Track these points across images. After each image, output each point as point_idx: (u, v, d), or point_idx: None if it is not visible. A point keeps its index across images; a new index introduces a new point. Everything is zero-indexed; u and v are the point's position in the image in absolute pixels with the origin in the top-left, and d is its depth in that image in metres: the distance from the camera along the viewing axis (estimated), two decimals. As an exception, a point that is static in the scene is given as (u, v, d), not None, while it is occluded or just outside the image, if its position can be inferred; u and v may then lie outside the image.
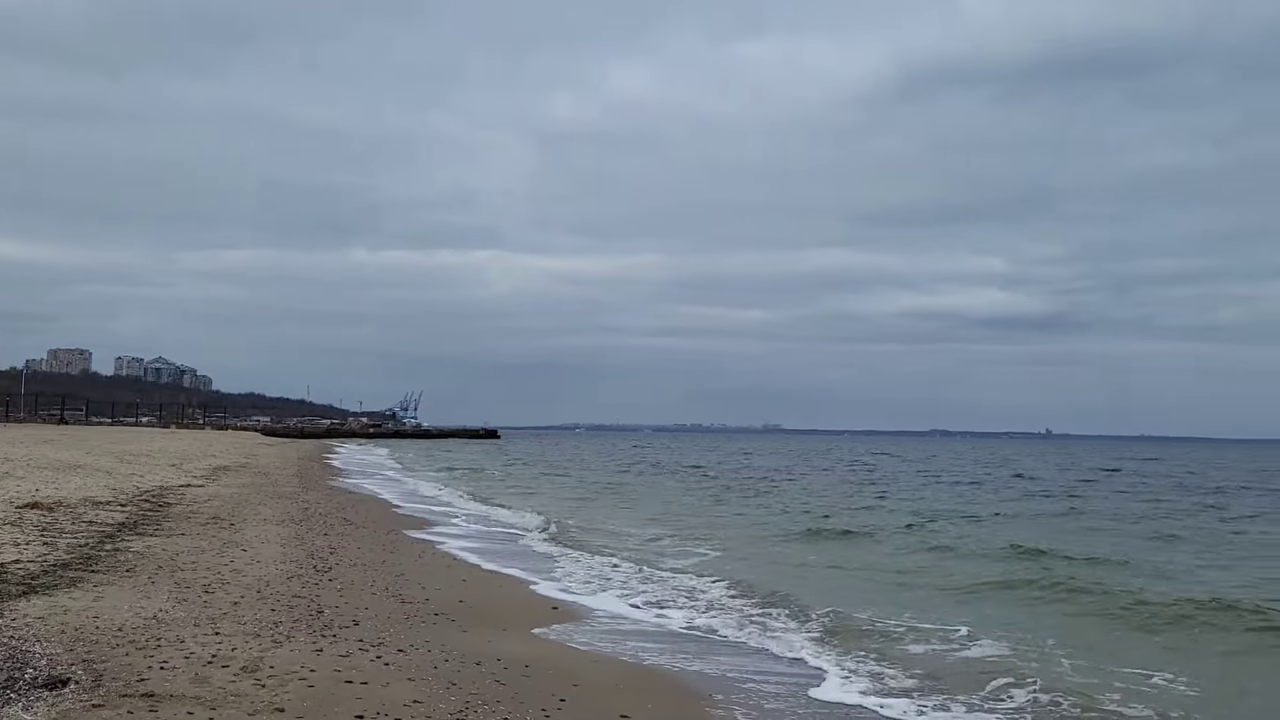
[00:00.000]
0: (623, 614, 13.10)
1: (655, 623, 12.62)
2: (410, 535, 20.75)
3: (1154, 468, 72.63)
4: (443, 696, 7.96)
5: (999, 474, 59.87)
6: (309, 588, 12.58)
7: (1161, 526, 26.79)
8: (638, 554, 19.42)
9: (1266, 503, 37.47)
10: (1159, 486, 47.58)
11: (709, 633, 12.12)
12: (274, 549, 15.93)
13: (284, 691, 7.64)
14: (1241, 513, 32.15)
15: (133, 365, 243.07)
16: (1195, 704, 9.34)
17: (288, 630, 9.91)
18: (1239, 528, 27.01)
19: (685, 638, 11.76)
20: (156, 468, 33.51)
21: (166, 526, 17.73)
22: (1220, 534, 25.31)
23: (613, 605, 13.66)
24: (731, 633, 12.12)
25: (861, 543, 22.41)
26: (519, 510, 28.70)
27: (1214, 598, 14.54)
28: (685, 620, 12.80)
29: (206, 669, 8.13)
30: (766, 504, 33.69)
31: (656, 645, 11.17)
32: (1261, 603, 14.13)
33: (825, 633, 12.12)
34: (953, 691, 9.50)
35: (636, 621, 12.64)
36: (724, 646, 11.37)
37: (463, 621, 11.46)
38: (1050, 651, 11.37)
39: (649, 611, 13.33)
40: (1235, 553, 21.51)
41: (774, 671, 10.22)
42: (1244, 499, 39.47)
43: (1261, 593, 15.27)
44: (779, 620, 12.87)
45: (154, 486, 25.55)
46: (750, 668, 10.33)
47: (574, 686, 8.80)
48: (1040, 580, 16.45)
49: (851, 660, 10.76)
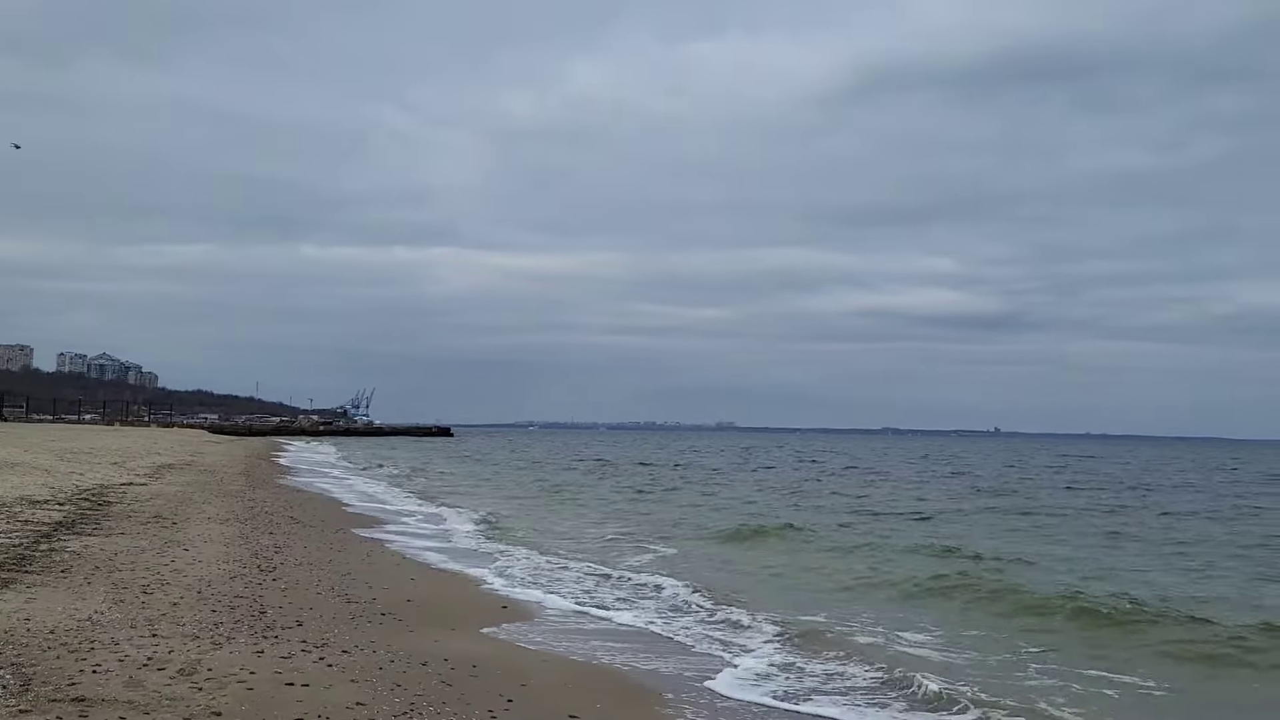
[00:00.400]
0: (573, 612, 13.00)
1: (606, 621, 12.54)
2: (359, 534, 20.46)
3: (1091, 465, 74.13)
4: (386, 698, 7.79)
5: (938, 470, 60.52)
6: (252, 588, 12.31)
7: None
8: (589, 552, 19.32)
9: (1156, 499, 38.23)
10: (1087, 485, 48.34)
11: (660, 631, 12.05)
12: (217, 548, 15.60)
13: (221, 695, 7.42)
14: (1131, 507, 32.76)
15: (76, 362, 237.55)
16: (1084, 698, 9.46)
17: (228, 631, 9.67)
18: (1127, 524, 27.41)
19: (637, 636, 11.69)
20: (98, 466, 32.76)
21: (106, 526, 17.30)
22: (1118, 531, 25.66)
23: (563, 604, 13.56)
24: (682, 632, 12.05)
25: (795, 540, 22.27)
26: (469, 509, 28.44)
27: (1076, 592, 14.72)
28: (636, 619, 12.72)
29: (141, 672, 7.89)
30: (717, 503, 33.70)
31: (607, 644, 11.08)
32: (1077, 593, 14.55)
33: (777, 634, 12.08)
34: (886, 690, 9.50)
35: (587, 620, 12.55)
36: (674, 645, 11.30)
37: (410, 621, 11.28)
38: (974, 652, 11.47)
39: (600, 610, 13.24)
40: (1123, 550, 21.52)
41: (723, 671, 10.17)
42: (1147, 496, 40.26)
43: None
44: (730, 619, 12.83)
45: (94, 485, 24.94)
46: (700, 667, 10.27)
47: (522, 687, 8.67)
48: (963, 581, 16.17)
49: (801, 660, 10.74)
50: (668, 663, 10.34)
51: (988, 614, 13.77)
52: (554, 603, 13.58)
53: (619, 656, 10.46)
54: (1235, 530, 25.76)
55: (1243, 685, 10.40)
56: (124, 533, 16.56)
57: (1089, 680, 10.09)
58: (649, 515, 28.21)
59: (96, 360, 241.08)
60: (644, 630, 12.07)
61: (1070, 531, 24.93)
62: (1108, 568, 18.26)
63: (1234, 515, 30.76)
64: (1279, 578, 17.33)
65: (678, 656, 10.69)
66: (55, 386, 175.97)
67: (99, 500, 21.59)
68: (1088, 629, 12.74)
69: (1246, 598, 15.18)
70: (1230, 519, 29.42)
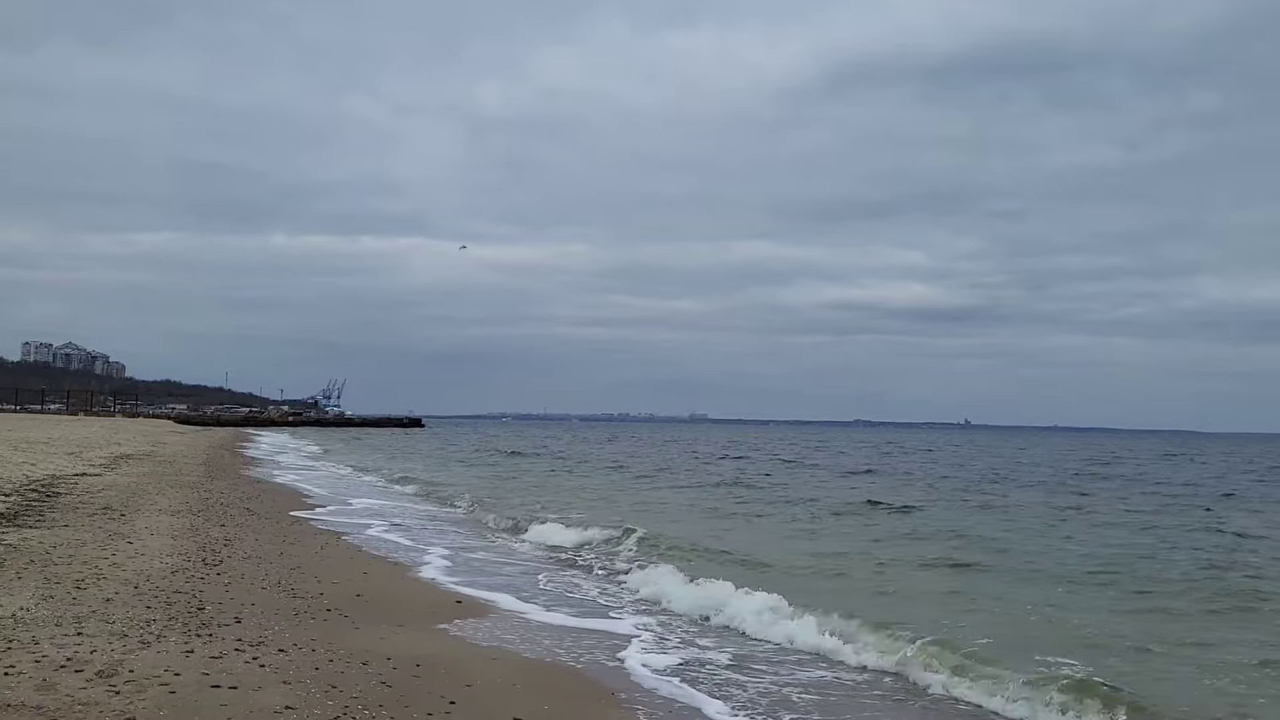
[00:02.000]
0: (531, 608, 12.56)
1: (563, 617, 12.11)
2: (316, 526, 19.93)
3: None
4: (319, 701, 7.34)
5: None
6: (193, 582, 11.80)
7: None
8: (556, 547, 18.90)
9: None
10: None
11: (621, 629, 11.65)
12: (163, 541, 15.05)
13: (140, 699, 6.95)
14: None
15: (41, 351, 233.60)
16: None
17: (159, 629, 9.17)
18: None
19: (593, 633, 11.26)
20: (53, 456, 31.97)
21: (50, 518, 16.71)
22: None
23: (520, 599, 13.11)
24: (642, 628, 11.67)
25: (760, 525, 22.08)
26: (434, 499, 27.92)
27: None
28: (596, 615, 12.33)
29: (57, 674, 7.40)
30: (693, 498, 33.36)
31: (562, 640, 10.66)
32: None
33: (731, 630, 11.74)
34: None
35: (545, 615, 12.12)
36: (634, 642, 10.90)
37: (356, 617, 10.81)
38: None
39: (559, 605, 12.84)
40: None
41: (683, 669, 9.79)
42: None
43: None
44: (689, 617, 12.46)
45: (45, 476, 24.24)
46: (658, 664, 9.87)
47: (467, 687, 8.25)
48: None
49: (753, 657, 10.40)
50: (625, 659, 9.94)
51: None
52: (511, 597, 13.15)
53: (574, 653, 10.04)
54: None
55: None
56: (68, 525, 15.98)
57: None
58: (622, 506, 27.68)
59: (62, 350, 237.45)
60: (604, 625, 11.65)
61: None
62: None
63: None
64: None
65: (637, 653, 10.28)
66: (20, 376, 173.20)
67: (48, 491, 20.94)
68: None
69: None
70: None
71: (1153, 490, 37.69)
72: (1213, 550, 19.28)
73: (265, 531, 17.75)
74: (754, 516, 25.42)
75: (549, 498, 29.41)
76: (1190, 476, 48.91)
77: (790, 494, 32.71)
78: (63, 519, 16.71)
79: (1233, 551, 19.23)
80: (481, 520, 23.07)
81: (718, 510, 26.89)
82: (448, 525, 21.98)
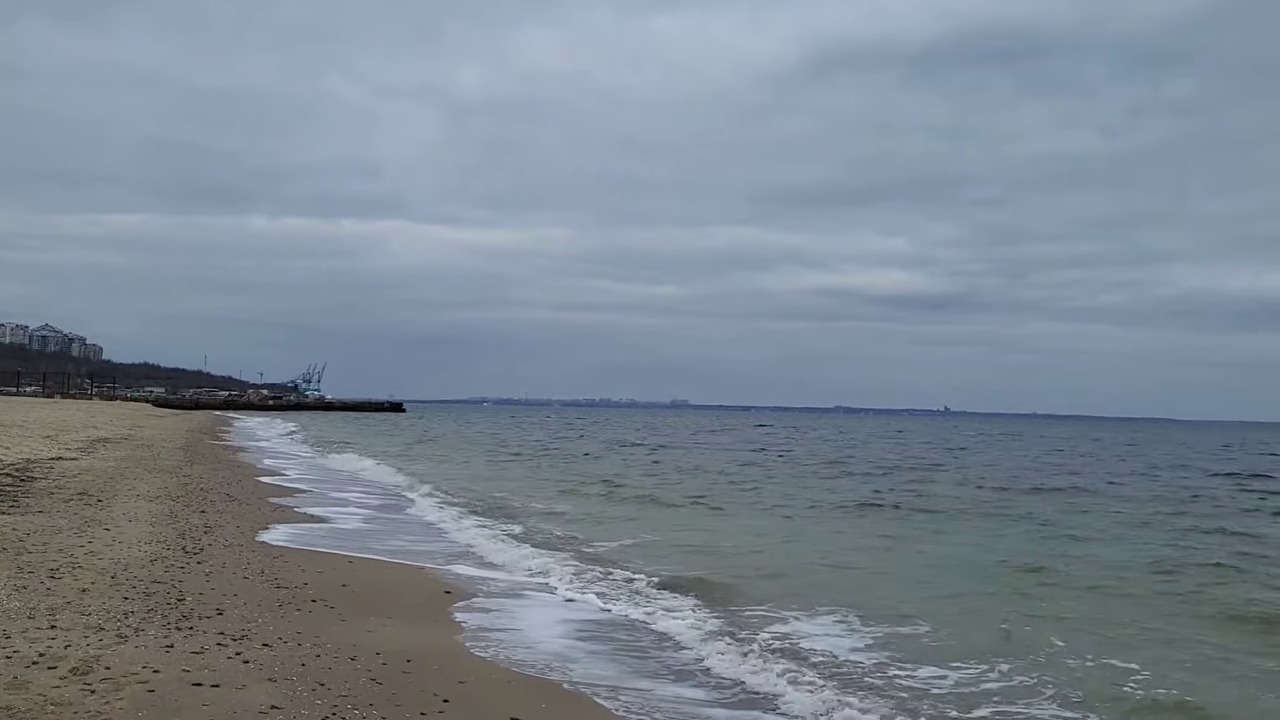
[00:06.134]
0: (525, 599, 12.22)
1: (559, 608, 11.77)
2: (298, 512, 19.50)
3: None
4: (307, 700, 6.99)
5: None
6: (173, 572, 11.40)
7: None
8: (548, 535, 18.56)
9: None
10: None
11: (614, 622, 11.33)
12: (141, 528, 14.62)
13: (116, 698, 6.57)
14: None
15: (16, 333, 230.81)
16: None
17: (138, 622, 8.79)
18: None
19: (589, 624, 10.94)
20: (28, 439, 31.37)
21: (24, 503, 16.24)
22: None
23: (514, 589, 12.78)
24: (635, 619, 11.35)
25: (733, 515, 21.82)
26: (418, 486, 27.52)
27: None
28: (591, 606, 11.99)
29: (29, 671, 7.02)
30: (692, 488, 33.10)
31: (557, 633, 10.34)
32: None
33: (724, 619, 11.44)
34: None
35: (538, 607, 11.78)
36: (629, 635, 10.59)
37: (343, 609, 10.45)
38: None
39: (554, 596, 12.51)
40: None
41: (678, 666, 9.50)
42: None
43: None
44: (677, 605, 12.14)
45: (19, 459, 23.70)
46: (657, 658, 9.58)
47: (460, 684, 7.92)
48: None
49: (755, 653, 10.10)
50: (622, 654, 9.63)
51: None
52: (504, 587, 12.82)
53: (569, 646, 9.72)
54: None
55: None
56: (42, 511, 15.52)
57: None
58: (610, 492, 27.42)
59: (38, 331, 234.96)
60: (598, 619, 11.33)
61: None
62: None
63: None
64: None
65: (631, 653, 9.98)
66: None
67: (22, 476, 20.43)
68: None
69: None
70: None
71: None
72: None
73: (247, 519, 17.33)
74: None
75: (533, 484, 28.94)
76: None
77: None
78: (37, 504, 16.24)
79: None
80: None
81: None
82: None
